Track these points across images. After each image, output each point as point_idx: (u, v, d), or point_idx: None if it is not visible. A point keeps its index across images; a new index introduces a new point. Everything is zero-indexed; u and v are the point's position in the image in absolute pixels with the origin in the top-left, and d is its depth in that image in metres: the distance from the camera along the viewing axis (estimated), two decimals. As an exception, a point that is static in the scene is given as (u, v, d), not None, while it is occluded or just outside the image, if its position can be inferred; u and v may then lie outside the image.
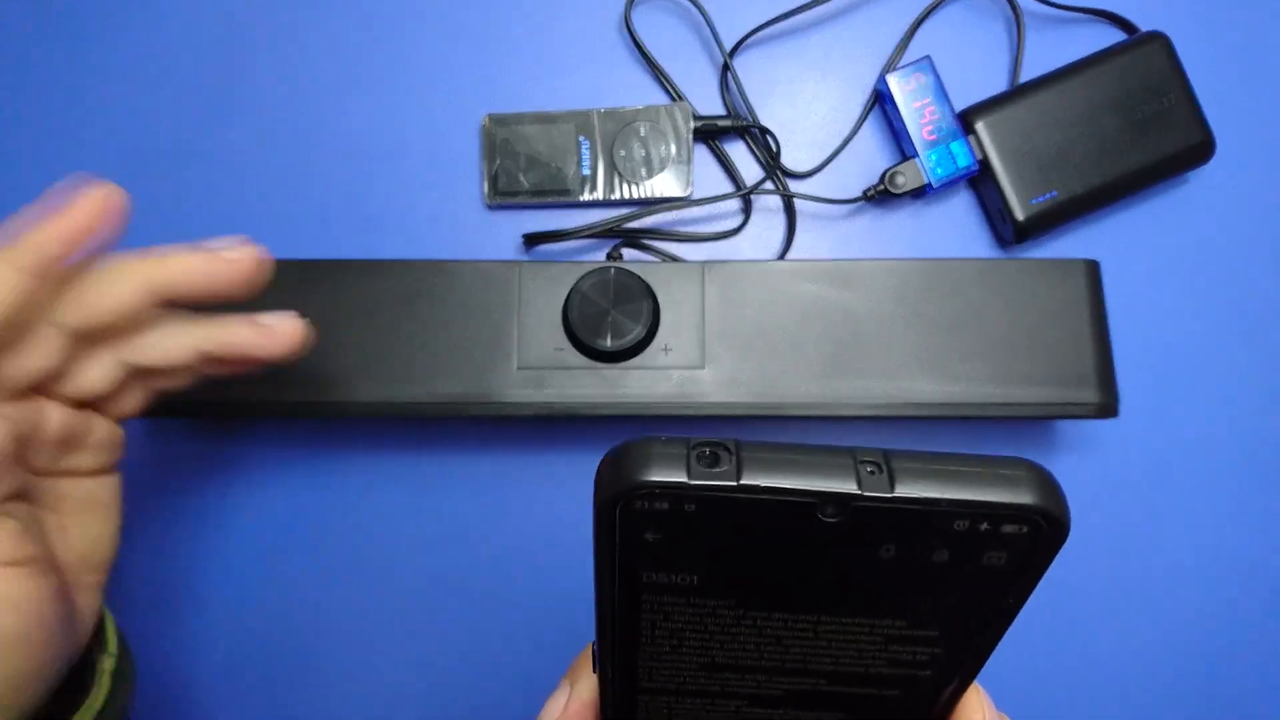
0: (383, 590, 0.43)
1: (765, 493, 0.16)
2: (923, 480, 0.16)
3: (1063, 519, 0.17)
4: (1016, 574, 0.18)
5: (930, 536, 0.17)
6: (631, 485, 0.16)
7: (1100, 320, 0.39)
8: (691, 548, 0.18)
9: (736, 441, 0.17)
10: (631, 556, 0.18)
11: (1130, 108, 0.43)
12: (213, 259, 0.27)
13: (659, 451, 0.16)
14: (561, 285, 0.39)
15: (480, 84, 0.46)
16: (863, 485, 0.16)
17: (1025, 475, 0.17)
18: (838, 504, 0.16)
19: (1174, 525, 0.43)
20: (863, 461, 0.17)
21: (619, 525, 0.17)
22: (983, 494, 0.16)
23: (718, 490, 0.16)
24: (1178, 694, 0.42)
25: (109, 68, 0.47)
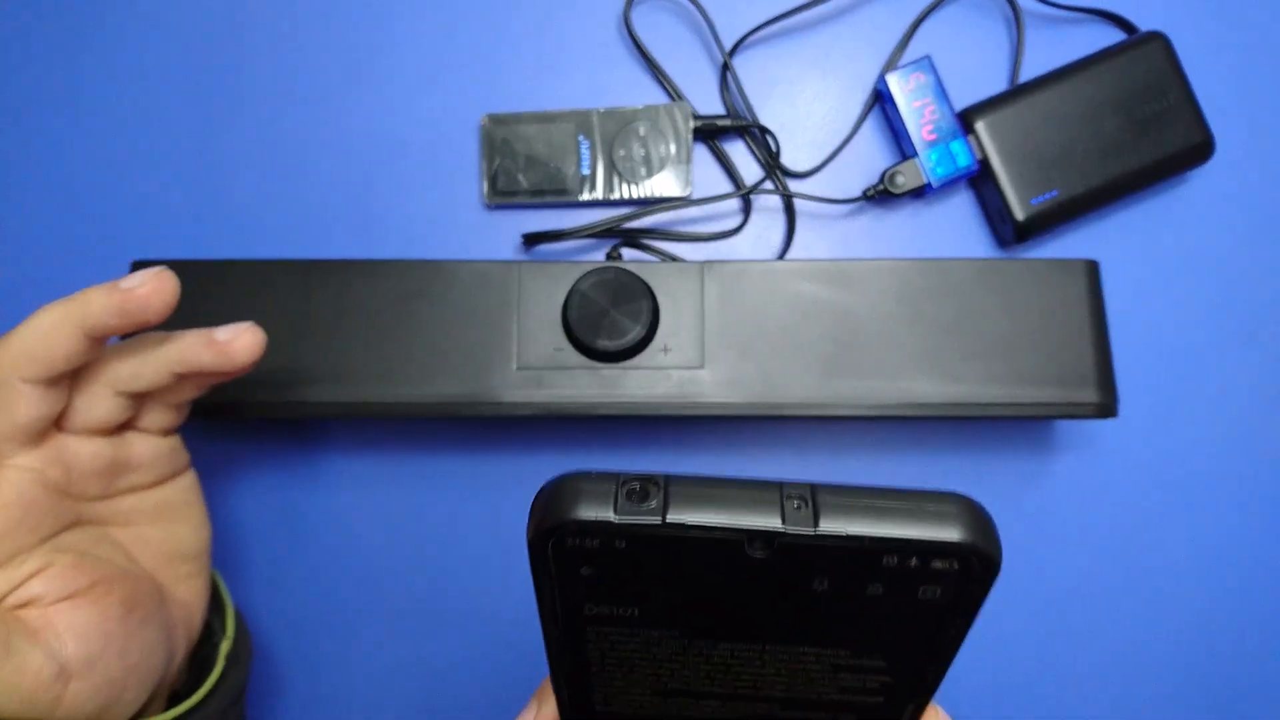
0: (382, 590, 0.43)
1: (691, 530, 0.16)
2: (847, 516, 0.16)
3: (992, 555, 0.17)
4: (953, 607, 0.18)
5: (861, 571, 0.17)
6: (559, 523, 0.16)
7: (1100, 320, 0.39)
8: (628, 581, 0.18)
9: (667, 476, 0.17)
10: (568, 590, 0.18)
11: (1130, 107, 0.43)
12: (126, 297, 0.29)
13: (586, 488, 0.17)
14: (561, 285, 0.39)
15: (479, 84, 0.46)
16: (786, 521, 0.16)
17: (953, 511, 0.16)
18: (763, 540, 0.16)
19: (1173, 525, 0.43)
20: (789, 496, 0.17)
21: (552, 561, 0.17)
22: (908, 530, 0.16)
23: (644, 528, 0.16)
24: (1177, 694, 0.42)
25: (109, 68, 0.47)
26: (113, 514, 0.32)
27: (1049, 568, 0.43)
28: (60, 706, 0.28)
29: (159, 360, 0.31)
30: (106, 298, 0.29)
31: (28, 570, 0.29)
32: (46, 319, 0.28)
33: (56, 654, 0.28)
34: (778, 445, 0.44)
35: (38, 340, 0.28)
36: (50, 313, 0.29)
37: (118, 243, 0.45)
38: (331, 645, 0.43)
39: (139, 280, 0.29)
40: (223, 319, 0.39)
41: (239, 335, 0.31)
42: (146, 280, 0.29)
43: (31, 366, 0.28)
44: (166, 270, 0.29)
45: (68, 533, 0.30)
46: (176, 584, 0.34)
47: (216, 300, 0.39)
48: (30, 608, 0.29)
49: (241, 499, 0.43)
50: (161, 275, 0.29)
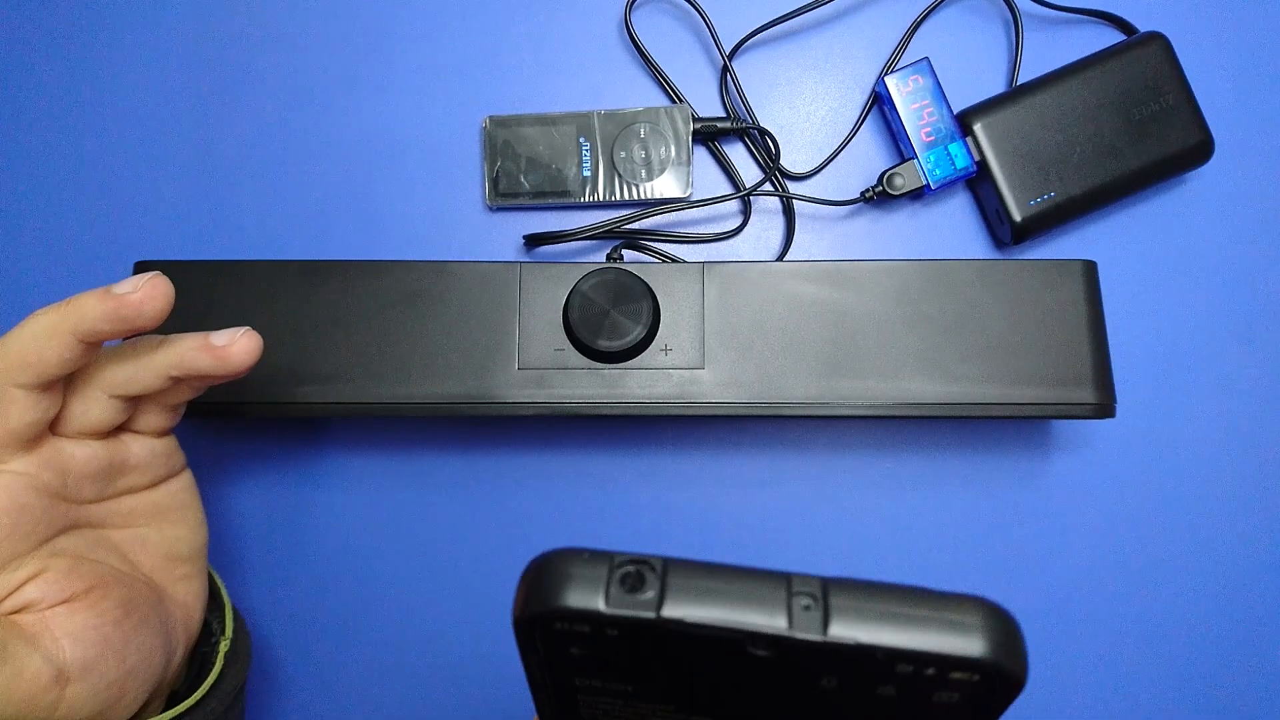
0: (382, 589, 0.43)
1: (688, 627, 0.15)
2: (859, 621, 0.15)
3: (1017, 673, 0.15)
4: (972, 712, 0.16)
5: (872, 675, 0.16)
6: (546, 610, 0.15)
7: (1098, 321, 0.39)
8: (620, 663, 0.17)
9: (665, 561, 0.15)
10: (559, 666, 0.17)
11: (1129, 108, 0.43)
12: (120, 303, 0.29)
13: (578, 573, 0.15)
14: (562, 286, 0.39)
15: (481, 85, 0.47)
16: (794, 624, 0.15)
17: (976, 622, 0.15)
18: (766, 641, 0.15)
19: (1171, 525, 0.43)
20: (797, 593, 0.15)
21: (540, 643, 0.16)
22: (925, 642, 0.15)
23: (637, 621, 0.15)
24: (1176, 693, 0.43)
25: (110, 69, 0.47)
26: (109, 516, 0.32)
27: (1047, 567, 0.43)
28: (58, 710, 0.28)
29: (154, 364, 0.30)
30: (100, 303, 0.28)
31: (24, 575, 0.29)
32: (40, 324, 0.28)
33: (54, 658, 0.28)
34: (777, 445, 0.44)
35: (31, 346, 0.28)
36: (43, 318, 0.28)
37: (119, 243, 0.45)
38: (331, 644, 0.43)
39: (132, 286, 0.29)
40: (224, 319, 0.39)
41: (236, 340, 0.31)
42: (140, 286, 0.29)
43: (25, 372, 0.28)
44: (160, 275, 0.29)
45: (64, 536, 0.30)
46: (174, 585, 0.34)
47: (218, 301, 0.39)
48: (26, 612, 0.29)
49: (242, 498, 0.44)
50: (155, 281, 0.29)
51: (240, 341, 0.31)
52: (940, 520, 0.43)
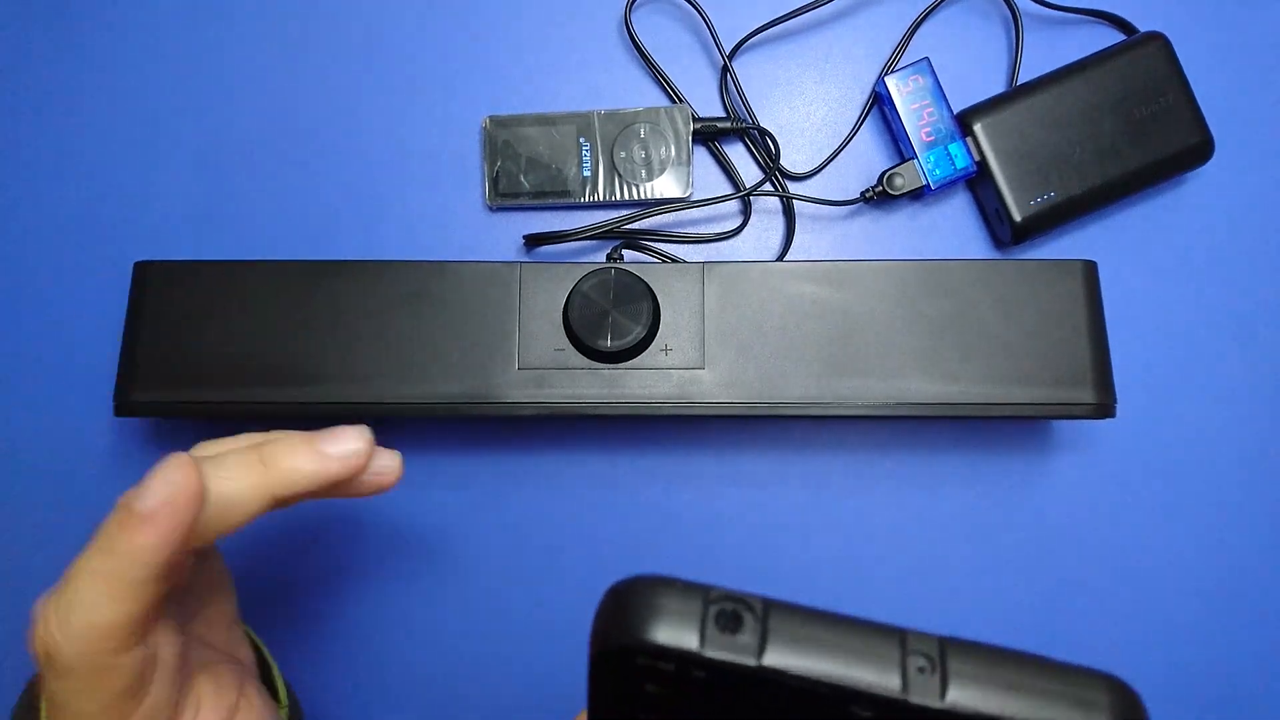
0: (381, 589, 0.43)
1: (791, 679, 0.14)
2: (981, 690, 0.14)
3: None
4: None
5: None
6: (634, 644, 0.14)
7: (1097, 321, 0.39)
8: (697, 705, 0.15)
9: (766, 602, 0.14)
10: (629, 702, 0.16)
11: (1128, 108, 0.43)
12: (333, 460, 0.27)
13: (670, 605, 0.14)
14: (562, 286, 0.39)
15: (481, 86, 0.47)
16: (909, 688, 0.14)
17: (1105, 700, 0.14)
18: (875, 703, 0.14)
19: (1170, 525, 0.43)
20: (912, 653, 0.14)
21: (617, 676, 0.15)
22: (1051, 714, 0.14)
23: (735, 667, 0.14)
24: (1176, 694, 0.43)
25: (110, 69, 0.47)
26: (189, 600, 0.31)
27: (1046, 567, 0.43)
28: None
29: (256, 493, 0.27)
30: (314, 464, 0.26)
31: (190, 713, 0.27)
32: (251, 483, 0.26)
33: None
34: (777, 445, 0.44)
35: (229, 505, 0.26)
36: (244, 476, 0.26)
37: (120, 243, 0.46)
38: (331, 644, 0.43)
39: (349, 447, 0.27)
40: (225, 320, 0.39)
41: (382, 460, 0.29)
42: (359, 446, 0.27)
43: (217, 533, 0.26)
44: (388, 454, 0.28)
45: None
46: (237, 649, 0.32)
47: (220, 301, 0.39)
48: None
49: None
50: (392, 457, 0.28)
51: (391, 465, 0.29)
52: (940, 520, 0.43)
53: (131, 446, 0.44)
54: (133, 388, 0.39)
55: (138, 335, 0.39)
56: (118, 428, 0.44)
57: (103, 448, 0.44)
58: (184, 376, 0.39)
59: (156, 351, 0.39)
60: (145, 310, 0.39)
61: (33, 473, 0.44)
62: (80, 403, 0.44)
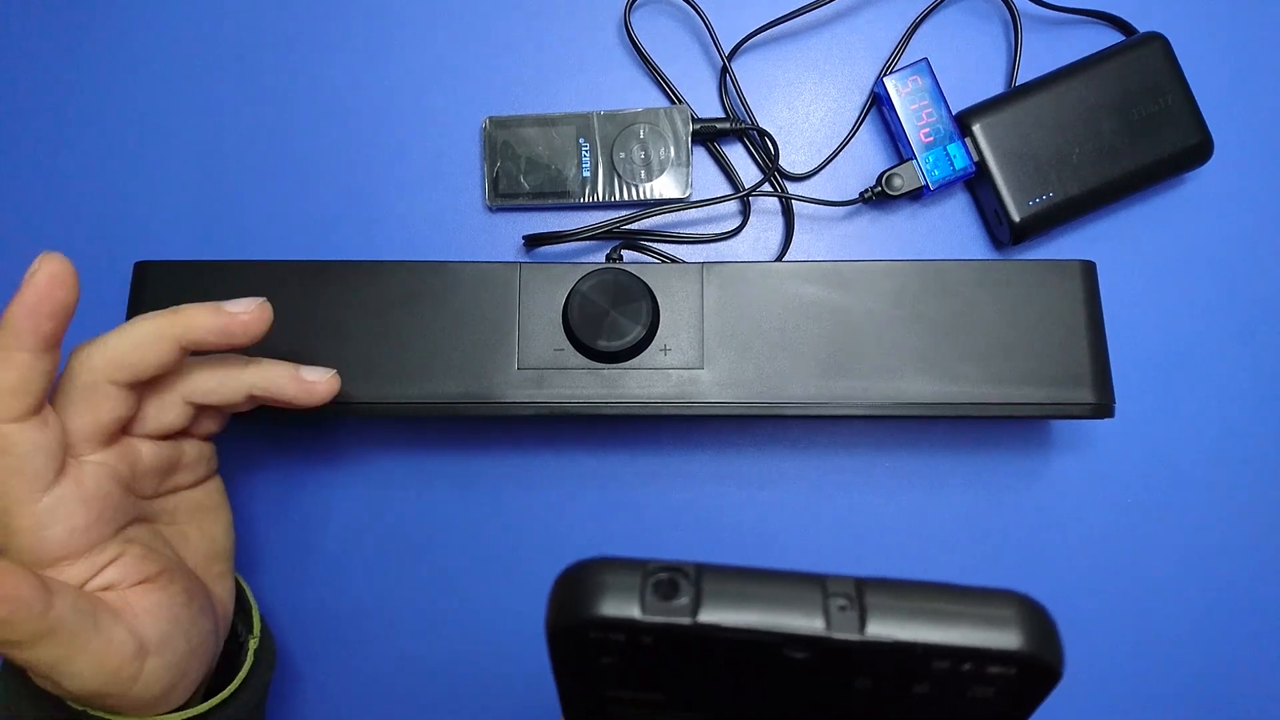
0: (382, 589, 0.43)
1: (725, 631, 0.15)
2: (897, 619, 0.15)
3: (1053, 664, 0.15)
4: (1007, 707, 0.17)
5: (908, 673, 0.16)
6: (581, 620, 0.15)
7: (1096, 321, 0.39)
8: (654, 671, 0.17)
9: (699, 567, 0.16)
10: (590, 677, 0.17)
11: (1128, 109, 0.43)
12: (231, 320, 0.32)
13: (611, 580, 0.15)
14: (561, 286, 0.39)
15: (480, 86, 0.47)
16: (831, 624, 0.15)
17: (1011, 615, 0.15)
18: (803, 643, 0.15)
19: (1169, 525, 0.43)
20: (832, 595, 0.15)
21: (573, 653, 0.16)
22: (964, 637, 0.15)
23: (673, 628, 0.15)
24: (1175, 694, 0.43)
25: (110, 69, 0.47)
26: (159, 512, 0.34)
27: (1046, 567, 0.43)
28: (137, 683, 0.30)
29: (239, 382, 0.33)
30: (212, 318, 0.31)
31: (106, 557, 0.31)
32: (145, 328, 0.31)
33: (136, 632, 0.30)
34: (777, 445, 0.44)
35: (133, 347, 0.30)
36: (149, 323, 0.31)
37: (120, 244, 0.46)
38: (331, 642, 0.43)
39: (244, 307, 0.32)
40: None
41: (325, 380, 0.34)
42: (251, 308, 0.32)
43: (122, 371, 0.30)
44: (266, 302, 0.33)
45: (131, 527, 0.32)
46: (213, 582, 0.35)
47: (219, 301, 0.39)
48: (109, 591, 0.31)
49: (242, 499, 0.44)
50: (264, 306, 0.32)
51: (328, 382, 0.34)
52: (940, 520, 0.43)
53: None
54: (133, 388, 0.39)
55: (138, 335, 0.39)
56: (118, 428, 0.44)
57: (103, 448, 0.44)
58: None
59: (156, 351, 0.39)
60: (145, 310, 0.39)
61: (33, 473, 0.44)
62: (80, 403, 0.44)
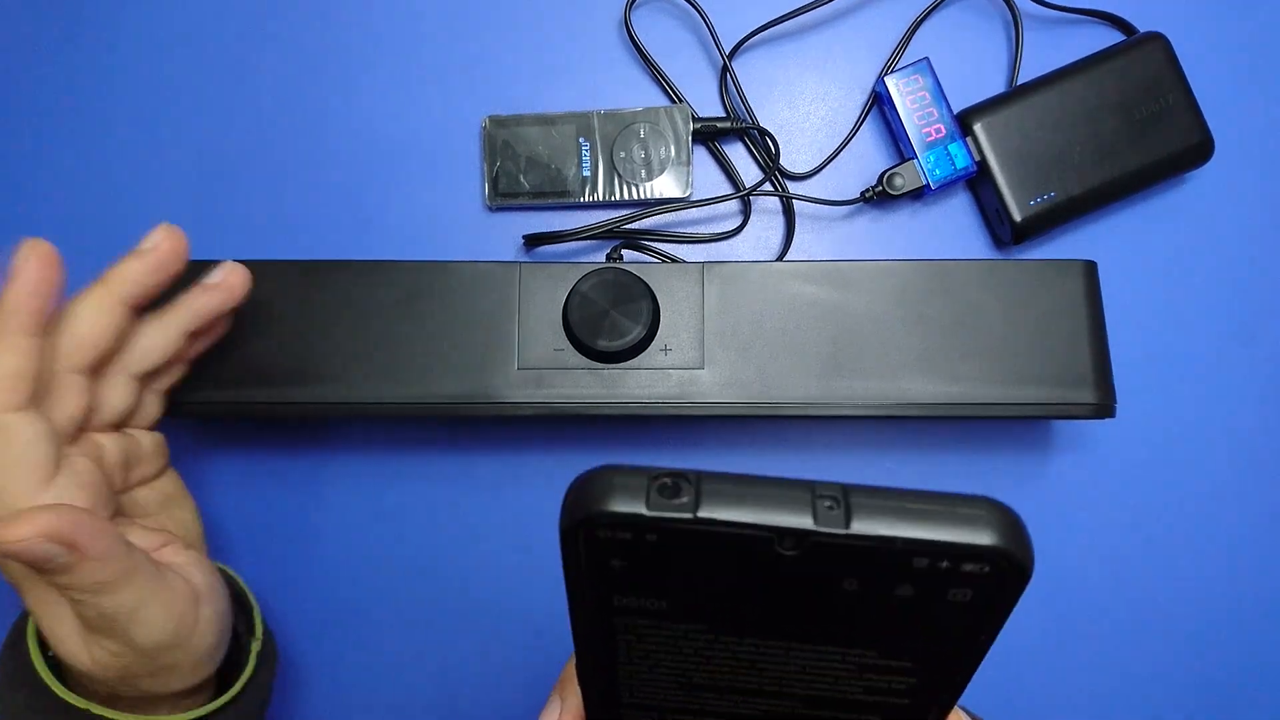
0: (383, 589, 0.43)
1: (722, 525, 0.16)
2: (879, 517, 0.16)
3: (1023, 561, 0.17)
4: (983, 610, 0.18)
5: (891, 572, 0.17)
6: (591, 514, 0.17)
7: (1098, 321, 0.39)
8: (657, 574, 0.18)
9: (698, 473, 0.17)
10: (599, 582, 0.18)
11: (1129, 108, 0.43)
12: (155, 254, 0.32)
13: (619, 482, 0.17)
14: (561, 286, 0.39)
15: (480, 85, 0.47)
16: (818, 520, 0.16)
17: (985, 515, 0.16)
18: (794, 538, 0.16)
19: (1170, 525, 0.43)
20: (820, 496, 0.17)
21: (583, 552, 0.18)
22: (939, 533, 0.16)
23: (674, 522, 0.16)
24: (1175, 694, 0.43)
25: (110, 69, 0.47)
26: (133, 507, 0.35)
27: (1046, 567, 0.43)
28: (196, 630, 0.31)
29: (170, 326, 0.33)
30: (139, 263, 0.31)
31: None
32: (90, 302, 0.30)
33: (189, 578, 0.31)
34: (777, 445, 0.44)
35: (88, 324, 0.30)
36: (91, 296, 0.31)
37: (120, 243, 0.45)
38: (333, 644, 0.43)
39: (154, 241, 0.32)
40: (226, 320, 0.39)
41: (228, 272, 0.34)
42: (159, 239, 0.32)
43: (83, 353, 0.30)
44: (171, 225, 0.32)
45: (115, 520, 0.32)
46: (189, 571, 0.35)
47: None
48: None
49: (243, 499, 0.44)
50: (172, 229, 0.32)
51: (234, 272, 0.34)
52: (940, 520, 0.43)
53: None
54: (132, 388, 0.39)
55: (137, 335, 0.39)
56: (117, 428, 0.44)
57: (102, 448, 0.44)
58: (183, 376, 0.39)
59: (156, 351, 0.39)
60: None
61: (32, 473, 0.44)
62: (80, 403, 0.44)
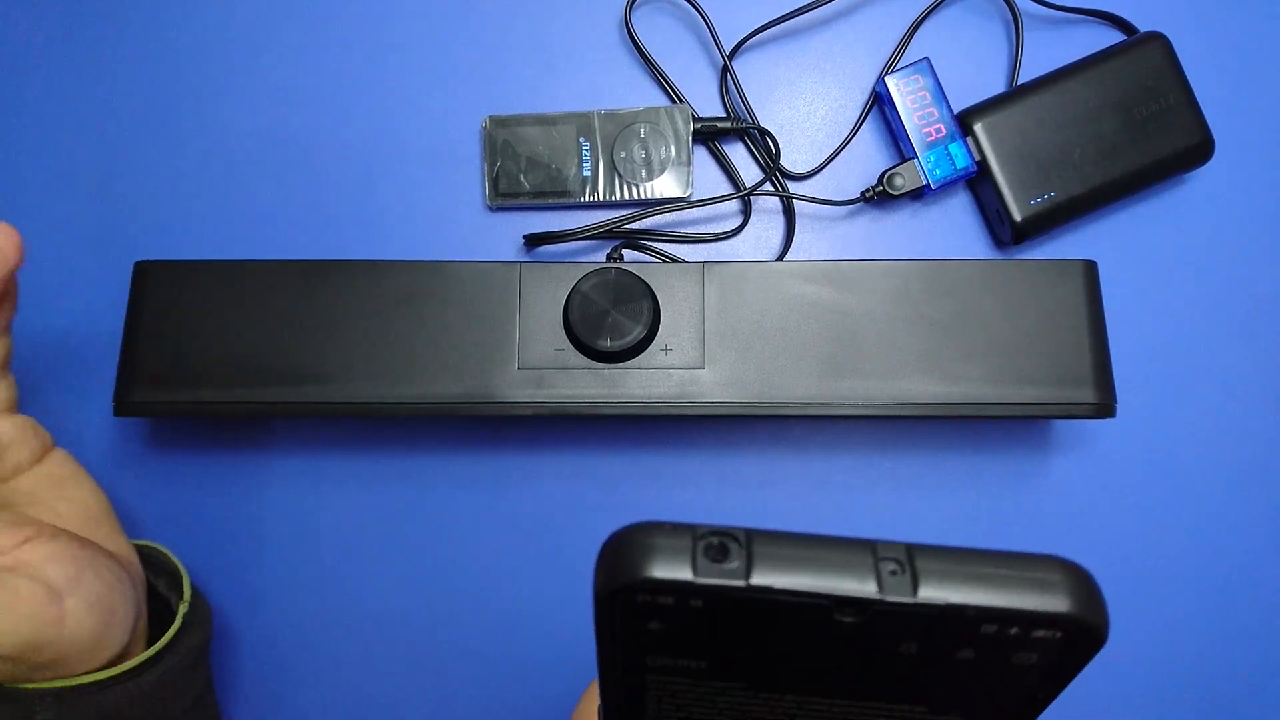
0: (381, 589, 0.43)
1: (777, 594, 0.15)
2: (948, 583, 0.15)
3: (1099, 627, 0.16)
4: (1048, 674, 0.17)
5: (955, 637, 0.16)
6: (633, 582, 0.16)
7: (1098, 320, 0.39)
8: (699, 637, 0.17)
9: (748, 531, 0.16)
10: (634, 644, 0.18)
11: (1129, 108, 0.43)
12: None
13: (662, 544, 0.16)
14: (562, 286, 0.39)
15: (481, 85, 0.47)
16: (883, 588, 0.15)
17: (1060, 580, 0.16)
18: (855, 606, 0.15)
19: (1171, 525, 0.43)
20: (883, 559, 0.16)
21: (620, 618, 0.17)
22: (1013, 600, 0.15)
23: (725, 590, 0.15)
24: (1175, 694, 0.43)
25: (110, 68, 0.47)
26: (16, 496, 0.34)
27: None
28: (64, 625, 0.30)
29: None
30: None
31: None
32: None
33: (40, 577, 0.30)
34: (777, 445, 0.44)
35: None
36: None
37: (120, 244, 0.45)
38: (330, 642, 0.43)
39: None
40: (225, 320, 0.39)
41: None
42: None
43: None
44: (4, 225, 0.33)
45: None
46: (104, 543, 0.35)
47: (220, 301, 0.39)
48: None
49: (243, 499, 0.44)
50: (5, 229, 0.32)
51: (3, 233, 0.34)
52: (940, 520, 0.43)
53: (131, 446, 0.44)
54: (133, 388, 0.39)
55: (138, 335, 0.39)
56: (118, 428, 0.44)
57: (103, 448, 0.44)
58: (184, 376, 0.39)
59: (156, 351, 0.39)
60: (145, 310, 0.39)
61: (33, 473, 0.44)
62: (80, 403, 0.44)
